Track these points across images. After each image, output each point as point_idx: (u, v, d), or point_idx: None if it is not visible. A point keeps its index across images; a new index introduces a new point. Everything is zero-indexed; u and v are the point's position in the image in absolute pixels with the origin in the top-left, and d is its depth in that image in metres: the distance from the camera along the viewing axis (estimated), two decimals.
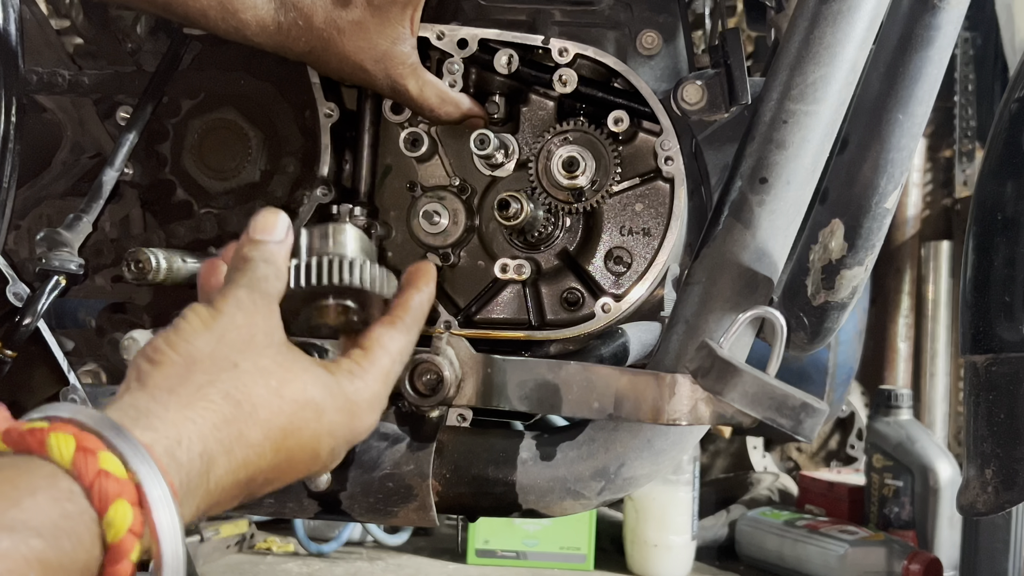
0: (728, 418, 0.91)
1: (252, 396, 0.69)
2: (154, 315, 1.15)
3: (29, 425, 0.59)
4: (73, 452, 0.58)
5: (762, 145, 0.95)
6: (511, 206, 1.03)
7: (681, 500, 2.36)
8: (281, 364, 0.72)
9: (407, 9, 0.99)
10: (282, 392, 0.70)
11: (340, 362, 0.77)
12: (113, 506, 0.58)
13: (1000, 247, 1.00)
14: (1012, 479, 0.99)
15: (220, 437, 0.66)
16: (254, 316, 0.72)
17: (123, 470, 0.59)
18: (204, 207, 1.15)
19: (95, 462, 0.58)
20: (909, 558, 2.22)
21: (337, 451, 0.76)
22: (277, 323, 0.74)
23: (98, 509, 0.57)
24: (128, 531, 0.58)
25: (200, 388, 0.67)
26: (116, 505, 0.58)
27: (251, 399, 0.68)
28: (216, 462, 0.65)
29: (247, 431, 0.67)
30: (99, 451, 0.59)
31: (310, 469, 0.74)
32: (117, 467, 0.59)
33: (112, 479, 0.58)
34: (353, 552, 2.43)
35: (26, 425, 0.59)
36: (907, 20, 0.98)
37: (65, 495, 0.57)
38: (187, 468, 0.63)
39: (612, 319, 1.05)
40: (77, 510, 0.57)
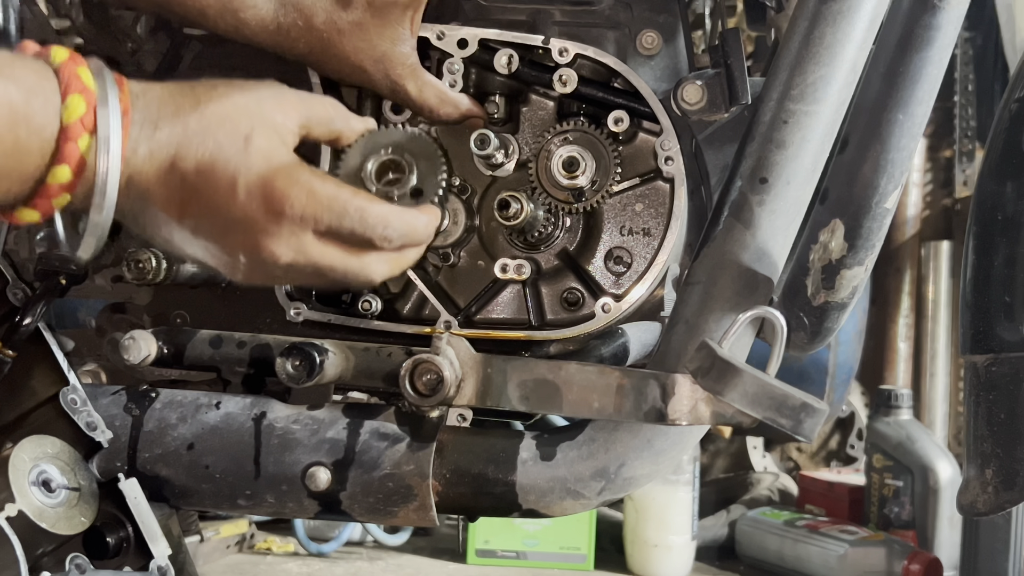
0: (728, 418, 0.91)
1: (216, 110, 0.83)
2: (154, 315, 1.15)
3: (49, 45, 0.78)
4: (62, 60, 0.77)
5: (762, 145, 0.95)
6: (511, 206, 1.03)
7: (681, 500, 2.36)
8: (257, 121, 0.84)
9: (407, 11, 0.99)
10: (238, 120, 0.83)
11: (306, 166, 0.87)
12: (72, 97, 0.75)
13: (1000, 247, 1.00)
14: (1012, 479, 0.99)
15: (172, 111, 0.81)
16: None
17: (91, 81, 0.77)
18: None
19: (74, 68, 0.77)
20: (909, 558, 2.22)
21: (248, 213, 0.83)
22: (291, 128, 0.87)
23: (62, 94, 0.76)
24: (79, 119, 0.75)
25: (185, 87, 0.84)
26: (74, 97, 0.75)
27: (213, 111, 0.83)
28: (160, 127, 0.80)
29: (191, 120, 0.82)
30: (81, 66, 0.77)
31: (224, 203, 0.82)
32: (88, 78, 0.77)
33: (80, 81, 0.76)
34: (353, 552, 2.43)
35: None
36: (907, 20, 0.98)
37: (45, 78, 0.76)
38: (142, 110, 0.80)
39: (612, 319, 1.05)
40: (51, 87, 0.75)
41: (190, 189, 0.81)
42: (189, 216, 0.83)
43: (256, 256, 0.85)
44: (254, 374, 1.08)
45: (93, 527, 0.98)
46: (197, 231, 0.84)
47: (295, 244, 0.85)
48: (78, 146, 0.75)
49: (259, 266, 0.86)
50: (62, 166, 0.76)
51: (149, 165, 0.80)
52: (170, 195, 0.81)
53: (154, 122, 0.80)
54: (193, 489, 1.04)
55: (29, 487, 0.94)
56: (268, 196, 0.83)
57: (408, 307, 1.11)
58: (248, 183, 0.82)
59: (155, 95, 0.81)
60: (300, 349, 1.00)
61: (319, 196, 0.84)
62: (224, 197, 0.82)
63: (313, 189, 0.84)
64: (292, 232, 0.84)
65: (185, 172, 0.81)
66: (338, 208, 0.85)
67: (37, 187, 0.76)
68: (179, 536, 1.05)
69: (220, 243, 0.85)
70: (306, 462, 1.02)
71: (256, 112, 0.84)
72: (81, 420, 0.99)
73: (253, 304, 1.12)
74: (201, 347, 1.08)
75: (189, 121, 0.81)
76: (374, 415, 1.04)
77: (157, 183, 0.81)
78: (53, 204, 0.77)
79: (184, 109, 0.82)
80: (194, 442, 1.04)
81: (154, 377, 1.13)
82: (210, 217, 0.83)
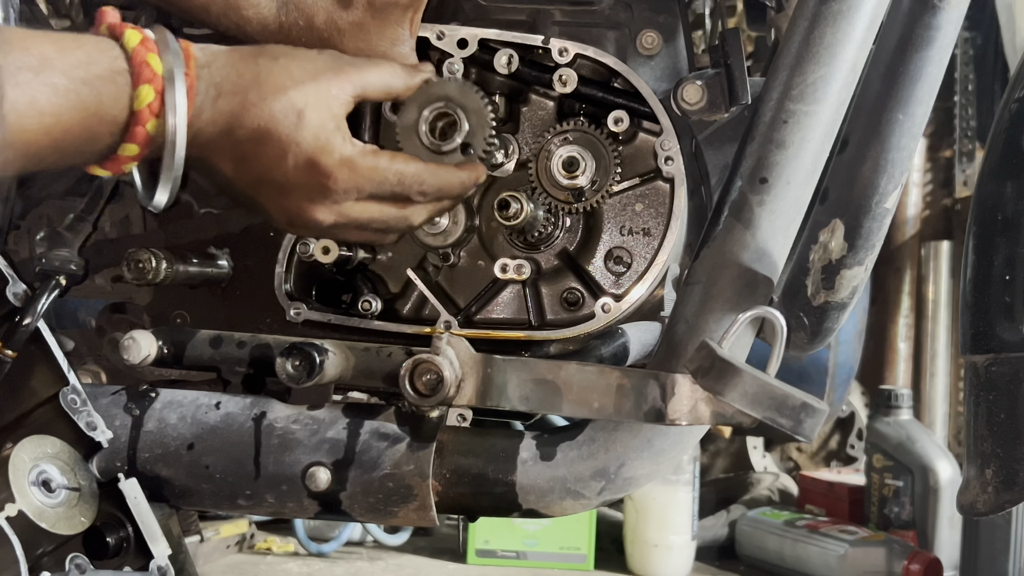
0: (728, 418, 0.91)
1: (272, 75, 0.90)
2: (154, 315, 1.15)
3: (125, 24, 0.85)
4: (135, 46, 0.84)
5: (762, 145, 0.95)
6: (511, 206, 1.03)
7: (681, 500, 2.36)
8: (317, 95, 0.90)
9: (407, 11, 0.99)
10: (294, 99, 0.89)
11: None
12: (142, 87, 0.83)
13: (1000, 247, 1.00)
14: (1012, 479, 0.99)
15: (233, 80, 0.88)
16: None
17: (159, 66, 0.84)
18: (204, 207, 1.15)
19: (144, 55, 0.83)
20: (909, 558, 2.22)
21: (295, 182, 0.91)
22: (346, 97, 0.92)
23: (133, 83, 0.83)
24: (147, 106, 0.83)
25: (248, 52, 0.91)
26: (144, 87, 0.83)
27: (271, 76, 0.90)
28: (222, 95, 0.88)
29: (250, 92, 0.89)
30: (151, 52, 0.84)
31: (274, 170, 0.90)
32: (156, 64, 0.84)
33: (149, 69, 0.83)
34: (353, 552, 2.43)
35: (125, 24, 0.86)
36: (907, 20, 0.98)
37: (117, 71, 0.83)
38: (206, 80, 0.88)
39: (612, 319, 1.05)
40: (123, 80, 0.83)
41: (244, 154, 0.90)
42: (241, 176, 0.91)
43: (300, 217, 0.93)
44: (254, 374, 1.08)
45: (93, 527, 0.98)
46: (248, 188, 0.93)
47: (337, 210, 0.93)
48: (146, 129, 0.84)
49: (303, 225, 0.94)
50: (131, 144, 0.84)
51: (211, 128, 0.88)
52: (226, 156, 0.90)
53: (217, 90, 0.88)
54: (193, 489, 1.04)
55: (29, 487, 0.94)
56: (314, 170, 0.90)
57: (408, 307, 1.11)
58: (296, 156, 0.90)
59: (219, 65, 0.89)
60: (300, 349, 1.00)
61: (360, 169, 0.92)
62: (274, 165, 0.90)
63: (355, 164, 0.92)
64: (335, 201, 0.93)
65: (240, 139, 0.89)
66: (378, 177, 0.93)
67: (109, 155, 0.86)
68: (179, 536, 1.05)
69: (267, 202, 0.93)
70: (306, 462, 1.02)
71: (312, 86, 0.91)
72: (81, 420, 0.99)
73: (253, 304, 1.12)
74: (201, 347, 1.08)
75: (248, 93, 0.88)
76: (374, 415, 1.04)
77: (216, 144, 0.89)
78: (122, 168, 0.87)
79: (245, 79, 0.89)
80: (194, 442, 1.04)
81: (154, 377, 1.13)
82: (259, 179, 0.91)
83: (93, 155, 0.85)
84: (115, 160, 0.86)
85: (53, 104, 0.79)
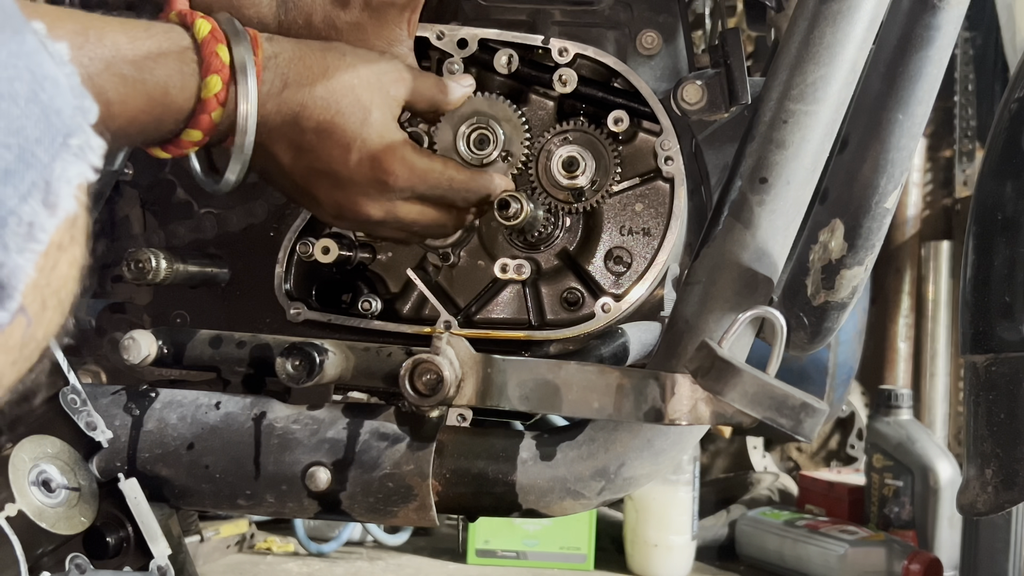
0: (728, 418, 0.91)
1: (342, 71, 0.93)
2: (154, 315, 1.15)
3: (195, 13, 0.88)
4: (204, 37, 0.86)
5: (762, 145, 0.95)
6: (511, 206, 1.03)
7: (681, 500, 2.36)
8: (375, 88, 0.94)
9: (404, 11, 0.99)
10: (359, 91, 0.93)
11: None
12: (211, 77, 0.85)
13: (1000, 247, 1.00)
14: (1012, 479, 0.99)
15: (300, 72, 0.91)
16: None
17: (227, 57, 0.86)
18: (204, 207, 1.15)
19: (213, 46, 0.85)
20: (909, 558, 2.22)
21: (354, 177, 0.95)
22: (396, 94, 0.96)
23: (201, 74, 0.85)
24: (215, 95, 0.85)
25: (314, 45, 0.94)
26: (212, 77, 0.85)
27: (341, 72, 0.93)
28: (288, 86, 0.91)
29: (318, 85, 0.92)
30: (220, 44, 0.86)
31: (335, 163, 0.94)
32: (225, 55, 0.86)
33: (218, 60, 0.85)
34: (353, 552, 2.43)
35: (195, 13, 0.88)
36: (907, 20, 0.98)
37: (186, 61, 0.85)
38: (272, 71, 0.90)
39: (612, 319, 1.05)
40: (190, 70, 0.85)
41: (306, 145, 0.93)
42: (299, 165, 0.94)
43: (351, 210, 0.97)
44: (254, 374, 1.08)
45: (93, 527, 0.98)
46: (303, 179, 0.95)
47: (387, 207, 0.97)
48: (212, 117, 0.86)
49: (352, 218, 0.98)
50: (195, 131, 0.87)
51: (275, 117, 0.91)
52: (287, 145, 0.93)
53: (283, 81, 0.91)
54: (193, 489, 1.04)
55: (29, 487, 0.94)
56: (376, 167, 0.94)
57: (408, 307, 1.11)
58: (361, 152, 0.94)
59: (287, 57, 0.91)
60: (300, 349, 1.00)
61: (417, 170, 0.96)
62: (337, 158, 0.94)
63: (413, 164, 0.96)
64: (388, 199, 0.97)
65: (305, 129, 0.92)
66: (432, 180, 0.98)
67: (171, 139, 0.88)
68: (179, 536, 1.05)
69: (320, 193, 0.96)
70: (306, 462, 1.02)
71: (377, 86, 0.95)
72: (81, 420, 0.99)
73: (253, 304, 1.12)
74: (201, 347, 1.08)
75: (316, 86, 0.92)
76: (374, 415, 1.04)
77: (278, 133, 0.92)
78: (183, 152, 0.90)
79: (313, 72, 0.92)
80: (194, 442, 1.04)
81: (154, 377, 1.13)
82: (318, 171, 0.94)
83: (156, 139, 0.88)
84: (177, 144, 0.88)
85: (120, 94, 0.80)
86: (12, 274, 0.49)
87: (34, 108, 0.50)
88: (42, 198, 0.51)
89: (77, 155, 0.53)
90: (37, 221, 0.51)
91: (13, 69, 0.50)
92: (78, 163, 0.53)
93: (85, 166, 0.53)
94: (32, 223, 0.50)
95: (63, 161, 0.52)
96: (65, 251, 0.54)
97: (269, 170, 0.96)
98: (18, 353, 0.54)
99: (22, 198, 0.50)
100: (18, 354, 0.54)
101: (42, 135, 0.51)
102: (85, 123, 0.53)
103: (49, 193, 0.51)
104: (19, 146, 0.49)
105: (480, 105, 1.04)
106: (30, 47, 0.51)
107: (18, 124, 0.50)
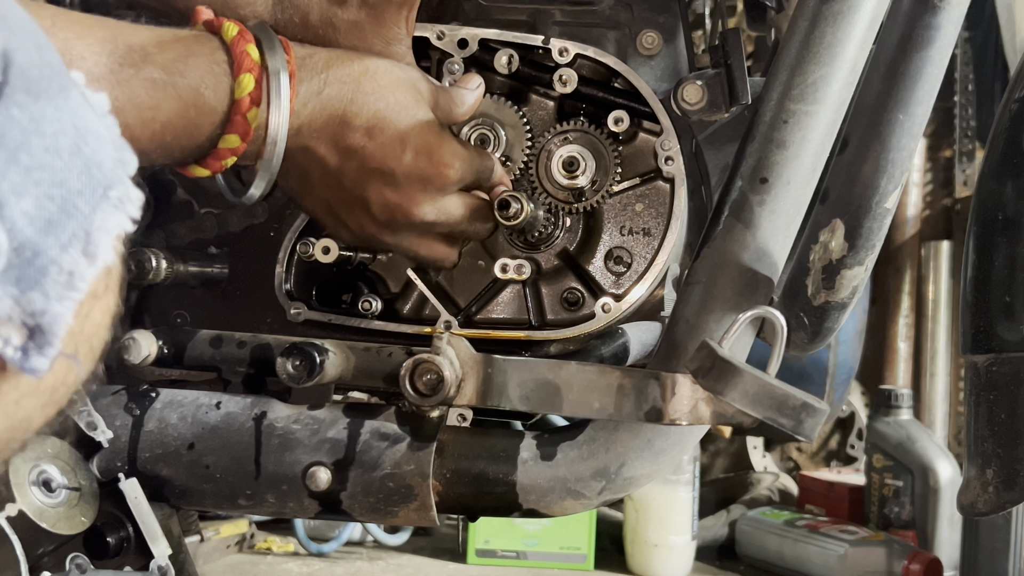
0: (728, 418, 0.91)
1: (381, 79, 0.93)
2: (154, 315, 1.15)
3: (222, 17, 0.87)
4: (233, 37, 0.85)
5: (762, 145, 0.95)
6: (511, 206, 1.03)
7: (681, 500, 2.36)
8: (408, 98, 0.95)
9: (402, 10, 0.99)
10: (401, 99, 0.94)
11: None
12: (243, 76, 0.84)
13: (1000, 247, 1.00)
14: (1012, 479, 0.99)
15: (340, 72, 0.91)
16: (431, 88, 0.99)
17: (257, 55, 0.85)
18: (204, 207, 1.15)
19: (244, 46, 0.84)
20: (909, 558, 2.22)
21: (410, 172, 0.94)
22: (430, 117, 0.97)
23: (233, 74, 0.84)
24: (248, 95, 0.84)
25: (348, 54, 0.94)
26: (244, 76, 0.84)
27: (378, 80, 0.93)
28: (329, 84, 0.90)
29: (363, 82, 0.92)
30: (249, 43, 0.85)
31: (390, 158, 0.93)
32: (255, 53, 0.85)
33: (250, 59, 0.84)
34: (353, 552, 2.43)
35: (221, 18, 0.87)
36: (907, 20, 0.98)
37: (216, 62, 0.84)
38: (309, 70, 0.90)
39: (612, 319, 1.05)
40: (221, 71, 0.84)
41: (356, 145, 0.92)
42: (349, 167, 0.93)
43: (404, 211, 0.95)
44: (254, 374, 1.08)
45: (93, 527, 0.98)
46: (354, 181, 0.94)
47: (440, 204, 0.97)
48: (247, 119, 0.85)
49: (404, 221, 0.96)
50: (232, 135, 0.85)
51: (319, 117, 0.90)
52: (334, 146, 0.92)
53: (322, 80, 0.90)
54: (193, 489, 1.04)
55: (29, 487, 0.94)
56: (431, 159, 0.94)
57: (408, 307, 1.11)
58: (416, 146, 0.94)
59: (321, 58, 0.91)
60: (300, 349, 1.00)
61: (466, 158, 0.97)
62: (390, 155, 0.93)
63: (463, 153, 0.97)
64: (442, 193, 0.96)
65: (355, 127, 0.91)
66: (477, 165, 0.99)
67: (209, 149, 0.86)
68: (179, 536, 1.05)
69: (373, 195, 0.95)
70: (306, 462, 1.02)
71: (415, 86, 0.96)
72: (81, 420, 0.99)
73: (253, 304, 1.12)
74: (201, 347, 1.08)
75: (362, 83, 0.92)
76: (374, 415, 1.04)
77: (323, 134, 0.91)
78: (223, 164, 0.87)
79: (355, 71, 0.92)
80: (194, 442, 1.04)
81: (154, 377, 1.13)
82: (370, 170, 0.93)
83: (193, 150, 0.85)
84: (216, 155, 0.86)
85: (152, 98, 0.79)
86: (53, 321, 0.50)
87: (77, 161, 0.51)
88: (82, 248, 0.52)
89: (116, 206, 0.53)
90: (77, 271, 0.52)
91: (58, 124, 0.51)
92: (117, 214, 0.53)
93: (124, 217, 0.54)
94: (72, 272, 0.51)
95: (103, 212, 0.53)
96: (100, 299, 0.55)
97: (310, 177, 0.94)
98: (48, 397, 0.55)
99: (63, 248, 0.51)
100: (48, 398, 0.56)
101: (84, 187, 0.52)
102: (125, 175, 0.54)
103: (89, 243, 0.52)
104: (62, 198, 0.50)
105: (487, 108, 1.05)
106: (75, 103, 0.52)
107: (61, 176, 0.51)
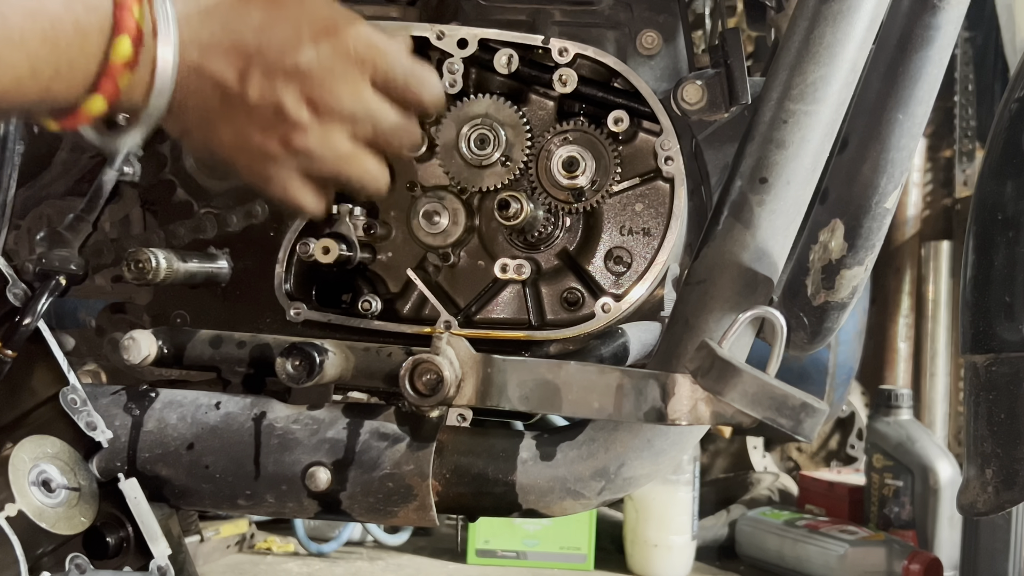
0: (728, 418, 0.91)
1: None
2: (154, 315, 1.15)
3: None
4: None
5: (762, 145, 0.95)
6: (511, 206, 1.03)
7: (681, 500, 2.36)
8: None
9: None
10: None
11: None
12: (120, 37, 0.80)
13: (1000, 247, 1.00)
14: (1012, 479, 0.99)
15: None
16: None
17: (146, 24, 0.81)
18: (204, 207, 1.15)
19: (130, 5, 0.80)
20: (909, 558, 2.22)
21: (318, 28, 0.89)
22: None
23: (112, 33, 0.80)
24: (124, 63, 0.80)
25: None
26: (122, 38, 0.80)
27: None
28: None
29: None
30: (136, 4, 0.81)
31: None
32: (144, 21, 0.81)
33: (135, 24, 0.80)
34: (353, 552, 2.43)
35: None
36: (907, 20, 0.98)
37: (100, 13, 0.80)
38: None
39: (612, 319, 1.05)
40: (100, 24, 0.80)
41: (252, 43, 0.87)
42: (257, 69, 0.88)
43: (325, 102, 0.90)
44: (254, 374, 1.08)
45: (93, 527, 0.98)
46: (261, 86, 0.88)
47: (358, 94, 0.92)
48: (132, 13, 0.81)
49: (326, 112, 0.91)
50: (122, 36, 0.80)
51: (203, 29, 0.86)
52: (228, 55, 0.87)
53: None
54: (193, 489, 1.04)
55: (29, 487, 0.94)
56: (338, 39, 0.90)
57: (408, 307, 1.11)
58: (315, 29, 0.89)
59: None
60: (300, 349, 1.00)
61: (373, 37, 0.92)
62: (291, 44, 0.88)
63: (369, 32, 0.92)
64: (355, 77, 0.91)
65: (245, 28, 0.87)
66: (391, 56, 0.93)
67: (101, 70, 0.81)
68: (179, 536, 1.05)
69: (287, 97, 0.89)
70: (306, 462, 1.02)
71: None
72: (81, 420, 0.99)
73: (253, 304, 1.12)
74: (201, 347, 1.08)
75: None
76: (374, 415, 1.04)
77: (214, 48, 0.87)
78: (118, 84, 0.82)
79: None
80: (194, 442, 1.04)
81: (154, 377, 1.13)
82: (276, 61, 0.88)
83: (82, 68, 0.81)
84: (109, 72, 0.81)
85: None
86: None
87: None
88: None
89: None
90: None
91: None
92: None
93: None
94: None
95: None
96: None
97: (210, 103, 0.88)
98: None
99: None
100: None
101: None
102: None
103: None
104: None
105: (488, 108, 1.04)
106: None
107: None
